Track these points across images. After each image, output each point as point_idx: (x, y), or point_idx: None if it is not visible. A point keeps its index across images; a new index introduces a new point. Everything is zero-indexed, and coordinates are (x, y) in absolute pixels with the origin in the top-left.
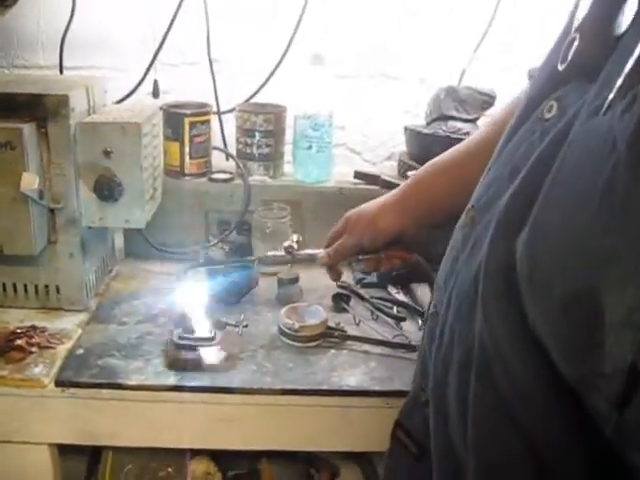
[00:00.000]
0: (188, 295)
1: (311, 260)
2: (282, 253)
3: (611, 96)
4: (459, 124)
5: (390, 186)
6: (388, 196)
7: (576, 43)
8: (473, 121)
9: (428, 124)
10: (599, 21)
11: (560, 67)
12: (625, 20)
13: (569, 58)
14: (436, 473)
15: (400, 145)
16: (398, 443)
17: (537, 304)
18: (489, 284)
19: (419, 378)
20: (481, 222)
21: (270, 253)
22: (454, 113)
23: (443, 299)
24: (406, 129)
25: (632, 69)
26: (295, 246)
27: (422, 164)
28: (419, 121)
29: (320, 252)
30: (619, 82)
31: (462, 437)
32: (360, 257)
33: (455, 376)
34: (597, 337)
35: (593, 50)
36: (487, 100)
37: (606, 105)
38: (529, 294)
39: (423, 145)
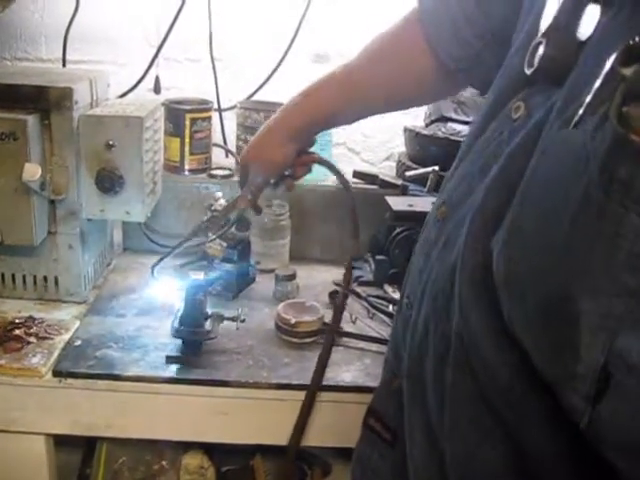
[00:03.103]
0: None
1: (234, 207)
2: (209, 215)
3: (581, 111)
4: (458, 126)
5: (389, 186)
6: (271, 122)
7: (542, 48)
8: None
9: (427, 125)
10: (564, 27)
11: (527, 71)
12: (587, 27)
13: (535, 63)
14: (414, 458)
15: (399, 146)
16: (370, 430)
17: (513, 305)
18: (466, 281)
19: (392, 363)
20: (453, 218)
21: (198, 224)
22: (453, 115)
23: (417, 291)
24: (405, 130)
25: (599, 88)
26: (217, 205)
27: (421, 165)
28: (419, 122)
29: (238, 196)
30: (588, 99)
31: (440, 424)
32: (272, 183)
33: (431, 367)
34: (571, 340)
35: (559, 55)
36: None
37: (576, 119)
38: (506, 296)
39: (422, 146)
